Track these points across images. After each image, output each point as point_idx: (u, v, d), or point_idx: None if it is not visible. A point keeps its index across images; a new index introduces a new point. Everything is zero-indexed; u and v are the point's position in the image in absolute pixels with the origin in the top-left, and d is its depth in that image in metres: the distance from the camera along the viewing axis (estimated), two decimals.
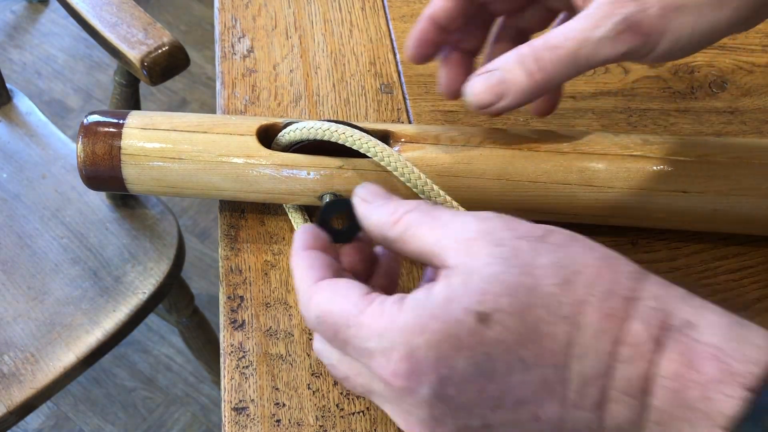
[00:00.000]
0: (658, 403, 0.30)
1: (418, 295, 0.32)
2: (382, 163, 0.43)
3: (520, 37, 0.46)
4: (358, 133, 0.43)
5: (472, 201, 0.45)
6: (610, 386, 0.31)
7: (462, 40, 0.45)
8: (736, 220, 0.46)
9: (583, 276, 0.31)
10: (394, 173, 0.43)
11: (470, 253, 0.32)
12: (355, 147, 0.43)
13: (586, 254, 0.32)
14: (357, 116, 0.55)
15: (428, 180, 0.43)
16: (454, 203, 0.43)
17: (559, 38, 0.36)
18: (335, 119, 0.47)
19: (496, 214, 0.34)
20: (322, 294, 0.34)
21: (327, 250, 0.38)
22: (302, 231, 0.38)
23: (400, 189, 0.44)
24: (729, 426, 0.29)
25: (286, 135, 0.45)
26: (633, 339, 0.31)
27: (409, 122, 0.54)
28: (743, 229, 0.47)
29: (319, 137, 0.44)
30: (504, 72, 0.38)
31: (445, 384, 0.31)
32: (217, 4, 0.61)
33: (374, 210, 0.36)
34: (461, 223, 0.33)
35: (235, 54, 0.58)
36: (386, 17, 0.61)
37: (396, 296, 0.33)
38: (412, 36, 0.43)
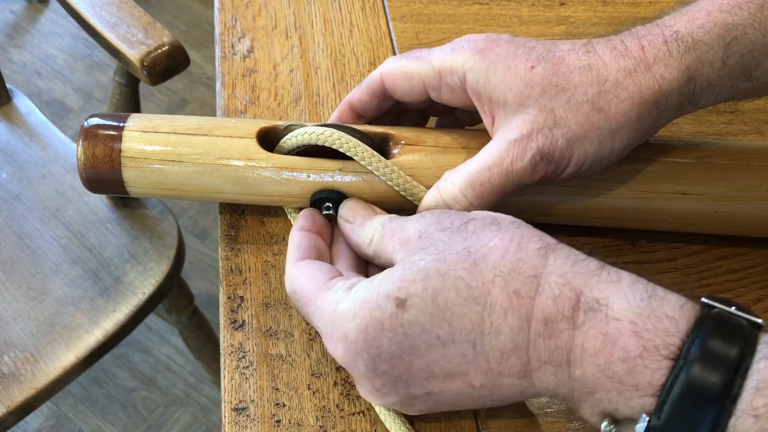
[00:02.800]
0: (585, 375, 0.33)
1: (363, 283, 0.38)
2: (369, 168, 0.44)
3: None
4: (345, 137, 0.44)
5: None
6: (531, 357, 0.34)
7: (377, 119, 0.49)
8: (737, 222, 0.46)
9: (490, 258, 0.35)
10: (382, 178, 0.44)
11: (405, 249, 0.38)
12: (342, 150, 0.44)
13: (496, 237, 0.36)
14: None
15: (415, 183, 0.44)
16: None
17: (485, 174, 0.41)
18: (336, 123, 0.47)
19: (433, 211, 0.40)
20: (296, 271, 0.41)
21: (321, 232, 0.44)
22: (302, 214, 0.45)
23: (390, 193, 0.45)
24: (657, 393, 0.31)
25: (288, 142, 0.45)
26: (543, 315, 0.34)
27: None
28: (743, 231, 0.47)
29: (319, 142, 0.44)
30: (449, 201, 0.42)
31: (376, 361, 0.36)
32: (217, 4, 0.61)
33: (353, 232, 0.43)
34: (406, 226, 0.39)
35: (235, 54, 0.58)
36: (386, 17, 0.61)
37: (353, 281, 0.39)
38: (334, 116, 0.48)
